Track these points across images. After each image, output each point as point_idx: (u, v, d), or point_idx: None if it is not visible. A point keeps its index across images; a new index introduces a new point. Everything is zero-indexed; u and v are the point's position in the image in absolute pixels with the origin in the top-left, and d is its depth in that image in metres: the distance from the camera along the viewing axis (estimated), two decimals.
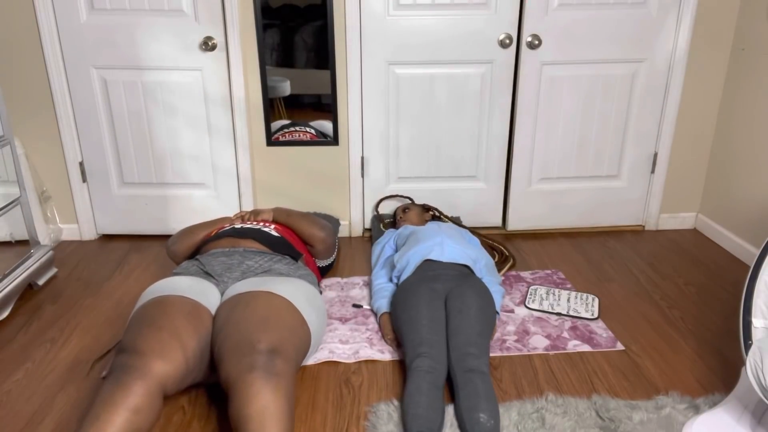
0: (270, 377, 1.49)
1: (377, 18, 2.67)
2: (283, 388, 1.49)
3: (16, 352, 2.06)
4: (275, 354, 1.55)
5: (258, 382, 1.47)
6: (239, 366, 1.51)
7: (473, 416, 1.58)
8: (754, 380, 1.48)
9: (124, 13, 2.62)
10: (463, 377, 1.69)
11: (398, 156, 2.92)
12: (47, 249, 2.56)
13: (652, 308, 2.32)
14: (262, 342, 1.56)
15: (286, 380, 1.52)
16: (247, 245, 2.08)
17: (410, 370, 1.73)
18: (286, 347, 1.60)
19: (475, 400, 1.61)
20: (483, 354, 1.77)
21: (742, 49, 2.72)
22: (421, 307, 1.91)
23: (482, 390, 1.64)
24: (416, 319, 1.87)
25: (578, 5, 2.68)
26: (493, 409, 1.60)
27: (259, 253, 2.02)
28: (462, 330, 1.83)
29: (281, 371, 1.52)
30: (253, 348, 1.54)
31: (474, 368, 1.71)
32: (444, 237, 2.26)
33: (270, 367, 1.51)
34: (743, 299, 1.66)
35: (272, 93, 2.79)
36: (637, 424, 1.65)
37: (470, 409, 1.60)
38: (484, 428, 1.56)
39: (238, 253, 2.01)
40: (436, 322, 1.86)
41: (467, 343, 1.79)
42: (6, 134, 2.34)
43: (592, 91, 2.82)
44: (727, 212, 2.86)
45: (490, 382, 1.69)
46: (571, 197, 3.01)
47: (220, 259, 1.98)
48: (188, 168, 2.89)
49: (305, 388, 1.85)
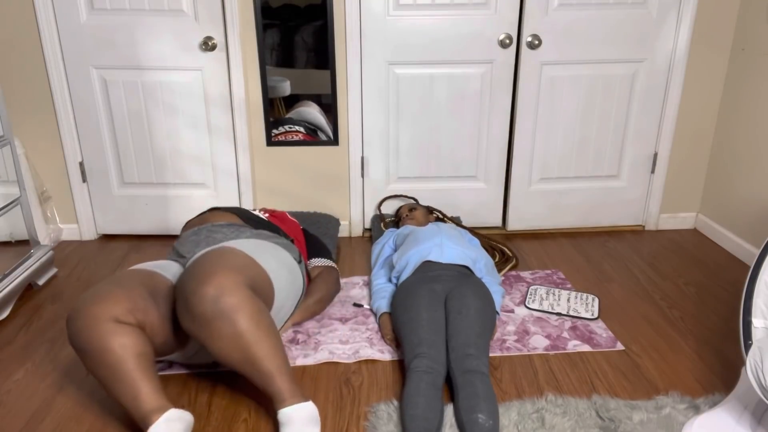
0: (226, 316, 1.53)
1: (377, 18, 2.67)
2: (246, 316, 1.54)
3: (16, 352, 2.06)
4: (221, 295, 1.54)
5: (215, 325, 1.53)
6: (194, 321, 1.55)
7: (472, 417, 1.58)
8: (754, 380, 1.48)
9: (124, 13, 2.62)
10: (463, 378, 1.69)
11: (398, 156, 2.92)
12: (47, 249, 2.56)
13: (652, 308, 2.32)
14: (205, 290, 1.54)
15: (245, 309, 1.54)
16: (215, 220, 2.07)
17: (409, 371, 1.73)
18: (232, 284, 1.57)
19: (474, 401, 1.61)
20: (482, 354, 1.77)
21: (742, 50, 2.72)
22: (421, 309, 1.91)
23: (481, 390, 1.64)
24: (415, 320, 1.87)
25: (578, 5, 2.68)
26: (492, 410, 1.60)
27: (227, 225, 2.00)
28: (461, 331, 1.83)
29: (235, 305, 1.54)
30: (197, 297, 1.53)
31: (473, 369, 1.71)
32: (443, 238, 2.25)
33: (221, 308, 1.53)
34: (743, 299, 1.66)
35: (272, 93, 2.79)
36: (637, 424, 1.65)
37: (469, 409, 1.60)
38: (483, 429, 1.56)
39: (205, 228, 2.00)
40: (435, 323, 1.86)
41: (466, 344, 1.79)
42: (6, 134, 2.34)
43: (592, 91, 2.82)
44: (727, 212, 2.86)
45: (489, 383, 1.69)
46: (571, 197, 3.01)
47: (190, 238, 1.97)
48: (188, 168, 2.89)
49: (305, 389, 1.85)
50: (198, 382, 1.89)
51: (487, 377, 1.70)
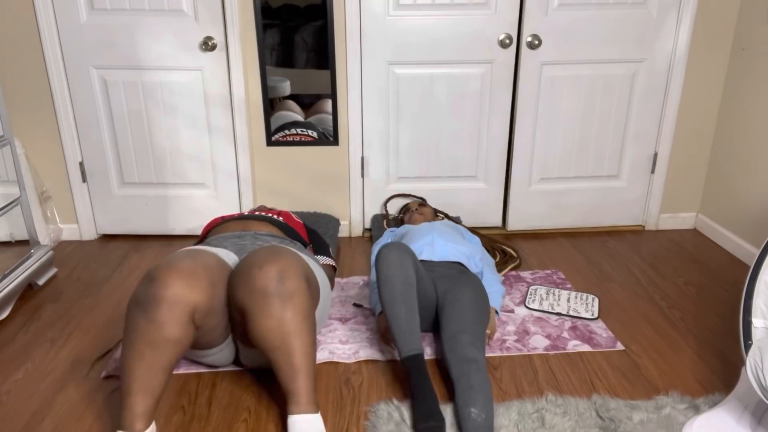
0: (283, 297, 1.58)
1: (377, 18, 2.67)
2: (298, 305, 1.59)
3: (16, 352, 2.06)
4: (284, 277, 1.60)
5: (271, 302, 1.57)
6: (252, 293, 1.58)
7: (465, 411, 1.60)
8: (754, 380, 1.48)
9: (124, 13, 2.62)
10: (459, 368, 1.70)
11: (398, 156, 2.92)
12: (47, 249, 2.56)
13: (652, 308, 2.32)
14: (270, 268, 1.60)
15: (299, 298, 1.60)
16: (258, 228, 2.07)
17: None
18: (295, 272, 1.64)
19: (468, 394, 1.63)
20: (477, 340, 1.78)
21: (743, 49, 2.72)
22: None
23: (476, 381, 1.65)
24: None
25: (578, 5, 2.68)
26: (486, 403, 1.61)
27: (269, 235, 2.02)
28: (455, 319, 1.85)
29: (293, 290, 1.59)
30: (262, 272, 1.59)
31: (469, 357, 1.71)
32: (435, 236, 2.26)
33: (281, 288, 1.58)
34: (743, 299, 1.66)
35: (272, 93, 2.79)
36: (637, 424, 1.65)
37: (463, 403, 1.62)
38: (475, 423, 1.57)
39: (249, 235, 1.99)
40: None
41: (460, 330, 1.80)
42: (6, 134, 2.34)
43: (592, 91, 2.83)
44: (727, 212, 2.86)
45: (485, 371, 1.69)
46: (571, 197, 3.01)
47: (232, 240, 1.95)
48: (188, 168, 2.89)
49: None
50: (198, 382, 1.89)
51: (483, 365, 1.70)
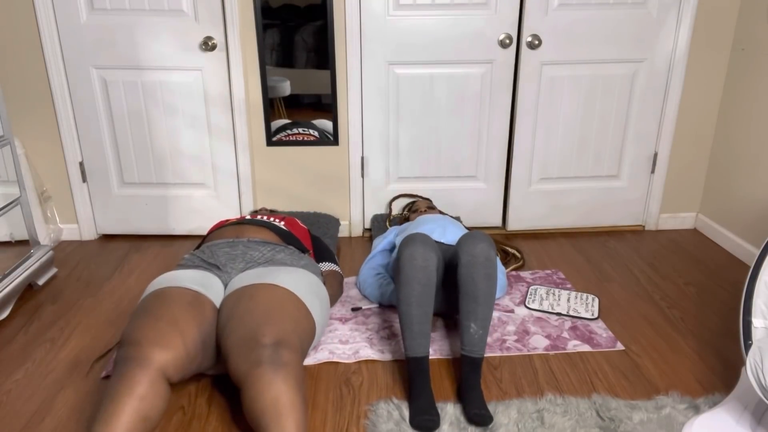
0: (278, 369, 1.52)
1: (377, 18, 2.67)
2: (292, 377, 1.53)
3: (16, 352, 2.06)
4: (280, 346, 1.58)
5: (267, 375, 1.51)
6: (247, 362, 1.55)
7: (465, 324, 1.72)
8: (754, 380, 1.48)
9: (124, 13, 2.62)
10: (467, 272, 1.79)
11: (398, 156, 2.92)
12: (47, 249, 2.56)
13: (652, 308, 2.32)
14: (266, 336, 1.59)
15: (293, 369, 1.56)
16: (252, 235, 2.08)
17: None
18: (291, 338, 1.63)
19: (471, 306, 1.75)
20: (491, 248, 1.85)
21: (742, 49, 2.72)
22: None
23: (482, 287, 1.77)
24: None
25: (578, 5, 2.68)
26: (485, 317, 1.75)
27: (262, 243, 2.02)
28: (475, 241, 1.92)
29: (288, 361, 1.56)
30: (258, 342, 1.57)
31: (482, 268, 1.80)
32: (447, 223, 2.30)
33: (276, 359, 1.55)
34: (743, 299, 1.66)
35: (272, 93, 2.79)
36: (637, 424, 1.65)
37: (465, 315, 1.74)
38: (472, 339, 1.70)
39: (241, 243, 2.01)
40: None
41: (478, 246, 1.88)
42: (6, 134, 2.34)
43: (592, 91, 2.82)
44: (727, 212, 2.86)
45: (495, 279, 1.79)
46: (571, 197, 3.01)
47: (224, 249, 1.99)
48: (188, 168, 2.89)
49: (305, 389, 1.85)
50: (198, 382, 1.89)
51: (494, 271, 1.81)
